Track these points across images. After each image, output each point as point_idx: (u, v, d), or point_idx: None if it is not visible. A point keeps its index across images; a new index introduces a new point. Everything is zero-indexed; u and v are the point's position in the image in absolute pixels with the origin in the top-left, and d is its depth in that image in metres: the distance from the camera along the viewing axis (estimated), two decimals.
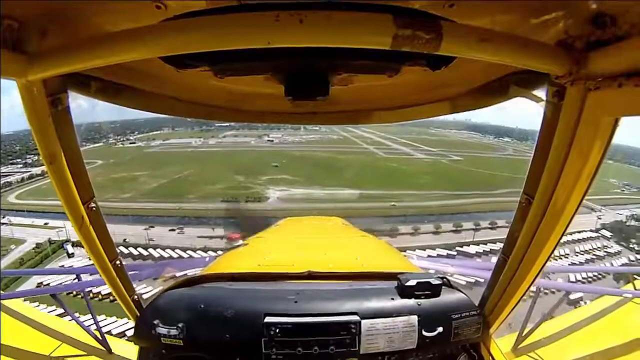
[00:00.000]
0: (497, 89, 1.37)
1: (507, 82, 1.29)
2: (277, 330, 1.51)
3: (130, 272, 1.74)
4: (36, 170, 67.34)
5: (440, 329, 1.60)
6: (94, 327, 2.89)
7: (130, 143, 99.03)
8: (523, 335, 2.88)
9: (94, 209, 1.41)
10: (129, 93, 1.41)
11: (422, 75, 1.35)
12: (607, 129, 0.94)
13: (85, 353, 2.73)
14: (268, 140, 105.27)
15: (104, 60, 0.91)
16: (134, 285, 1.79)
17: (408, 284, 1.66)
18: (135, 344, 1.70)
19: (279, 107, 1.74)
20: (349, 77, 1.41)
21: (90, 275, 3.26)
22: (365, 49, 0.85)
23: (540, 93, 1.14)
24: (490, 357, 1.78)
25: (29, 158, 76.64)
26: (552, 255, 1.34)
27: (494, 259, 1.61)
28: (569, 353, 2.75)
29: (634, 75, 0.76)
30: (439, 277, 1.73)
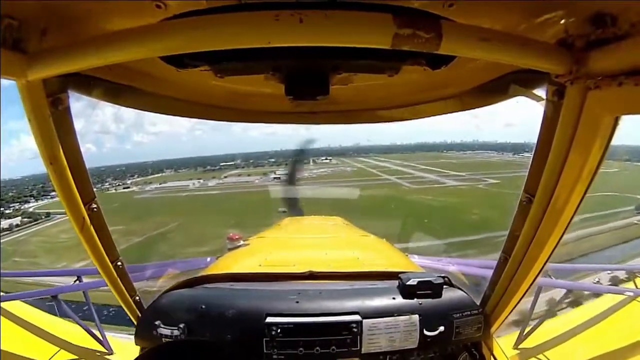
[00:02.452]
0: (497, 88, 1.37)
1: (507, 81, 1.29)
2: (279, 331, 1.51)
3: (131, 273, 1.74)
4: (4, 224, 56.89)
5: (441, 328, 1.60)
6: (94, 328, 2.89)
7: (124, 188, 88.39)
8: (524, 334, 2.87)
9: (95, 209, 1.41)
10: (128, 93, 1.41)
11: (422, 74, 1.35)
12: (607, 127, 0.94)
13: (86, 354, 2.73)
14: (274, 178, 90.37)
15: (104, 60, 0.91)
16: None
17: (409, 283, 1.66)
18: (136, 344, 1.70)
19: (280, 107, 1.74)
20: (349, 76, 1.41)
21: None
22: (366, 49, 0.85)
23: (541, 92, 1.14)
24: (492, 356, 1.78)
25: (12, 207, 67.19)
26: (553, 254, 1.34)
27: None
28: (571, 352, 2.75)
29: (634, 74, 0.76)
30: (440, 276, 1.73)
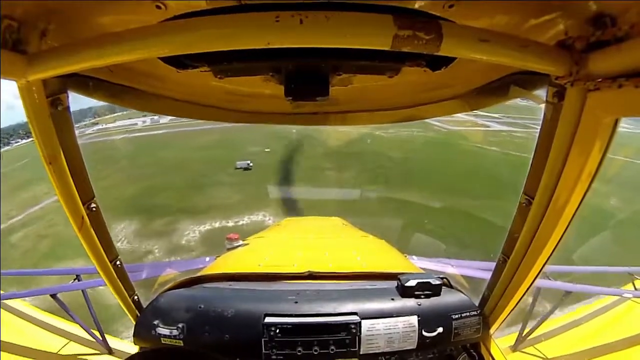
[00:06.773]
0: (497, 89, 1.37)
1: (507, 82, 1.29)
2: (277, 331, 1.51)
3: (130, 273, 1.74)
4: None
5: (440, 329, 1.60)
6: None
7: None
8: (523, 335, 2.88)
9: (94, 209, 1.41)
10: (128, 93, 1.40)
11: (422, 76, 1.35)
12: (607, 129, 0.94)
13: (86, 353, 2.74)
14: None
15: (103, 61, 0.91)
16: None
17: (408, 284, 1.66)
18: (135, 344, 1.70)
19: (279, 108, 1.74)
20: (349, 77, 1.40)
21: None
22: (366, 50, 0.84)
23: (541, 93, 1.14)
24: (490, 357, 1.78)
25: None
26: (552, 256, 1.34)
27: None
28: (570, 353, 2.75)
29: (634, 76, 0.76)
30: (439, 277, 1.73)
